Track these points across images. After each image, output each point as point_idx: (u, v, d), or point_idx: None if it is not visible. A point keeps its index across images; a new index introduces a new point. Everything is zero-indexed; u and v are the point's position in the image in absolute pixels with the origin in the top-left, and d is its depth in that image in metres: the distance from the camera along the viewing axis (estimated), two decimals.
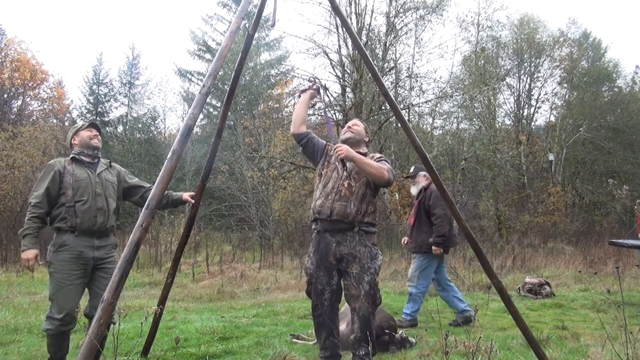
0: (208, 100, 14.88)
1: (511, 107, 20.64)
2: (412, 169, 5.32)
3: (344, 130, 3.37)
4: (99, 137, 3.36)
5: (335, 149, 3.15)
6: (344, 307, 3.69)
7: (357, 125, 3.38)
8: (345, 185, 3.11)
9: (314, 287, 3.15)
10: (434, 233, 4.84)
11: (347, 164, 3.20)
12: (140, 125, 21.85)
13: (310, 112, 15.74)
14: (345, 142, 3.27)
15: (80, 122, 3.46)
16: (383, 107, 14.48)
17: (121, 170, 3.48)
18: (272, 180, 15.51)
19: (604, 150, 19.56)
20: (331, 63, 14.85)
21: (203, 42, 22.76)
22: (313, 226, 3.25)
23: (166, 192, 3.41)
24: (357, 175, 3.14)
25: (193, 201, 3.52)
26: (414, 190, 5.21)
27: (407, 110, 16.26)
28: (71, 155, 3.27)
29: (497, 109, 19.37)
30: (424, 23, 15.73)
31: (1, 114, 20.85)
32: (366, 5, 14.80)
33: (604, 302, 5.68)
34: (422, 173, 5.13)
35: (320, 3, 13.40)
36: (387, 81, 16.15)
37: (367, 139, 3.39)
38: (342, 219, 3.05)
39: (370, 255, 3.06)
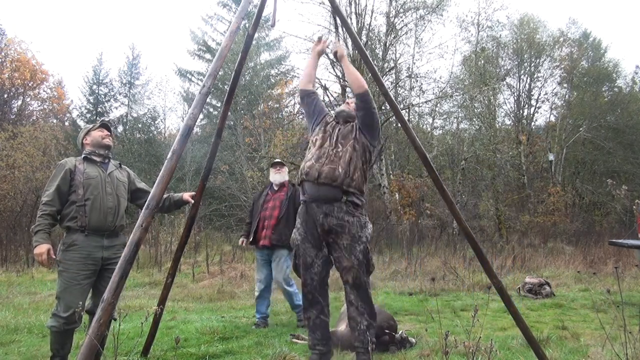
0: (208, 100, 14.88)
1: (511, 107, 20.68)
2: (277, 160, 5.28)
3: (343, 103, 3.48)
4: (111, 137, 3.37)
5: (329, 45, 3.40)
6: (344, 308, 3.68)
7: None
8: (334, 150, 3.12)
9: (302, 260, 3.10)
10: None
11: (338, 129, 3.22)
12: (140, 125, 21.84)
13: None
14: (338, 113, 3.35)
15: (89, 125, 3.47)
16: (383, 107, 14.48)
17: (130, 172, 3.50)
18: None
19: (604, 150, 19.56)
20: (331, 63, 14.85)
21: (203, 42, 22.74)
22: (301, 197, 3.21)
23: (167, 194, 3.41)
24: (343, 140, 3.15)
25: (193, 201, 3.52)
26: (278, 178, 5.03)
27: (407, 110, 16.28)
28: (83, 155, 3.26)
29: (497, 109, 19.38)
30: (424, 23, 15.78)
31: (1, 114, 20.87)
32: (366, 5, 14.85)
33: (604, 302, 5.68)
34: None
35: (320, 3, 13.44)
36: (387, 81, 16.16)
37: None
38: (329, 182, 2.99)
39: (359, 224, 3.00)
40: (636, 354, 2.78)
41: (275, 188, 5.04)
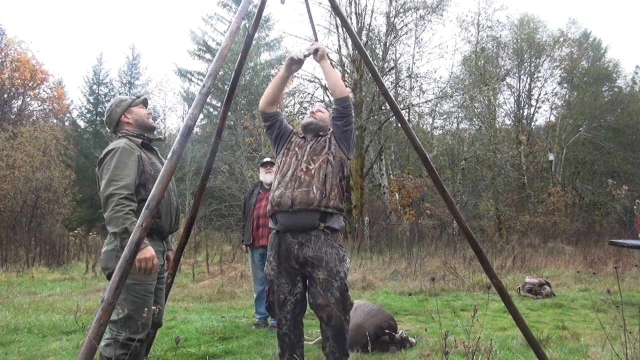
0: (208, 100, 14.87)
1: (511, 107, 20.68)
2: (267, 159, 5.22)
3: (307, 115, 3.11)
4: None
5: (312, 46, 3.07)
6: None
7: (320, 112, 3.10)
8: (304, 170, 2.79)
9: (275, 296, 2.81)
10: None
11: (307, 146, 2.91)
12: None
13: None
14: (305, 127, 3.03)
15: (124, 97, 2.85)
16: (383, 107, 14.48)
17: None
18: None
19: (604, 150, 19.58)
20: (331, 63, 14.81)
21: (203, 42, 22.76)
22: (271, 224, 2.90)
23: None
24: (315, 157, 2.84)
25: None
26: (269, 178, 4.99)
27: (407, 110, 16.28)
28: (140, 140, 2.65)
29: (497, 109, 19.39)
30: (424, 23, 15.79)
31: (1, 114, 20.88)
32: (366, 5, 14.88)
33: (604, 302, 5.68)
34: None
35: (320, 3, 13.44)
36: (387, 81, 16.17)
37: (330, 129, 3.05)
38: (305, 208, 2.70)
39: (338, 257, 2.73)
40: (636, 354, 2.78)
41: (267, 187, 5.03)
